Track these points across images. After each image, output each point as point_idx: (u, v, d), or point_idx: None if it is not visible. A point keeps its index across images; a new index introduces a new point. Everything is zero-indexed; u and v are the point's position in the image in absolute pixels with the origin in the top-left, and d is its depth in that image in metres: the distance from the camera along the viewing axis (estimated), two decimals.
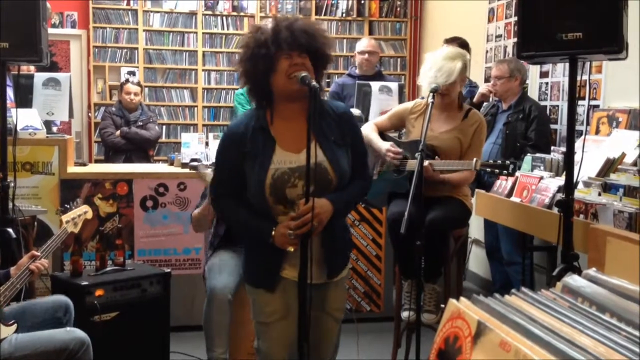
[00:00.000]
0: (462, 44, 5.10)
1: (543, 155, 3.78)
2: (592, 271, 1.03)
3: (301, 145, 2.34)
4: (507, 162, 3.14)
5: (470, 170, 3.33)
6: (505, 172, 3.16)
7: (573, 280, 1.02)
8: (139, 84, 6.24)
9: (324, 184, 2.37)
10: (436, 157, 3.39)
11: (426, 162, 3.22)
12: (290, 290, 2.42)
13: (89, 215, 3.36)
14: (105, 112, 6.22)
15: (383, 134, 3.76)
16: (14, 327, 2.82)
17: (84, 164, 4.95)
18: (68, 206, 3.31)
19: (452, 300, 1.01)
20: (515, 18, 3.73)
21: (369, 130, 3.73)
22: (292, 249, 2.36)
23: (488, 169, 3.22)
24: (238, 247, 3.44)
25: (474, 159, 3.21)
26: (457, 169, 3.36)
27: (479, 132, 3.50)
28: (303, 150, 2.31)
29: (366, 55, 5.54)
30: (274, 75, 2.36)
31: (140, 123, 5.99)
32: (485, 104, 5.00)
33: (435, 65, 3.40)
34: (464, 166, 3.29)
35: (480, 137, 3.51)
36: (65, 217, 3.22)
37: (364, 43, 5.65)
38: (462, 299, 1.01)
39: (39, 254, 2.96)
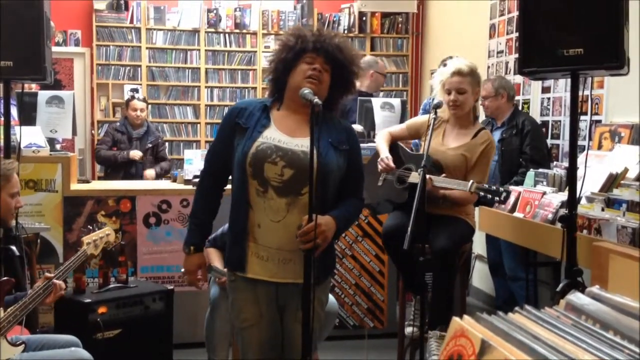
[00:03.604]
0: None
1: (546, 171, 3.78)
2: (595, 288, 1.03)
3: (295, 132, 2.46)
4: (501, 189, 3.08)
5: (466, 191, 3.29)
6: (497, 198, 3.07)
7: (576, 297, 1.02)
8: (144, 100, 6.22)
9: (303, 169, 2.37)
10: (443, 173, 3.36)
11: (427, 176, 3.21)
12: (263, 296, 2.48)
13: (112, 237, 3.27)
14: (107, 129, 6.23)
15: (395, 144, 3.76)
16: (22, 347, 2.81)
17: (87, 181, 4.96)
18: (91, 227, 3.28)
19: (456, 318, 1.01)
20: (517, 34, 3.74)
21: (381, 138, 3.76)
22: (199, 287, 2.67)
23: (481, 193, 3.16)
24: None
25: (470, 181, 3.13)
26: (453, 188, 3.28)
27: (486, 152, 3.46)
28: (295, 136, 2.44)
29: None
30: (293, 72, 2.47)
31: (149, 145, 5.94)
32: (481, 120, 4.99)
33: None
34: (460, 186, 3.22)
35: (487, 156, 3.47)
36: (86, 239, 3.15)
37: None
38: (465, 317, 1.01)
39: (52, 275, 2.89)
